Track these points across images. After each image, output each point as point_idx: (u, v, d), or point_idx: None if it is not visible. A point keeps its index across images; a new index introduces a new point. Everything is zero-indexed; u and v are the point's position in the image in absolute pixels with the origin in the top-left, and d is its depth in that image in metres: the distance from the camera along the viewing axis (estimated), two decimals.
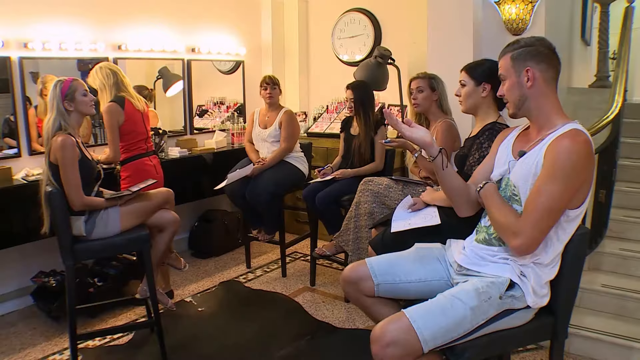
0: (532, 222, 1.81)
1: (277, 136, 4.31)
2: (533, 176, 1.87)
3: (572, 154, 1.77)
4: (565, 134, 1.83)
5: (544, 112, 1.96)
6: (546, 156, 1.82)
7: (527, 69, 1.94)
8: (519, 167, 1.96)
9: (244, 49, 5.55)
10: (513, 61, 1.98)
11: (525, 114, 2.01)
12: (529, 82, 1.94)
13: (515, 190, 1.95)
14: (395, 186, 3.34)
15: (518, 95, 1.98)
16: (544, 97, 1.95)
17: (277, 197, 4.19)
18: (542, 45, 1.96)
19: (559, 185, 1.77)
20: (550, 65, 1.95)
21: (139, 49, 4.53)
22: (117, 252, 3.50)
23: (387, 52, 4.30)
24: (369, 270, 2.18)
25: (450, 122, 3.37)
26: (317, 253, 3.87)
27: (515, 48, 1.98)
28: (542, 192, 1.79)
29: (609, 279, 3.49)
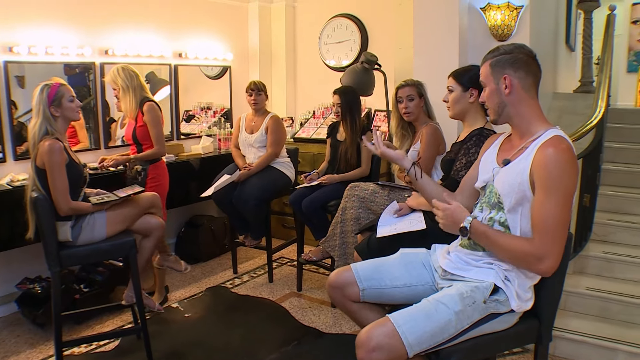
0: (551, 240, 1.81)
1: (264, 141, 4.32)
2: (519, 185, 1.89)
3: (561, 162, 1.80)
4: (549, 142, 1.85)
5: (525, 118, 1.98)
6: (536, 170, 1.84)
7: (504, 77, 1.97)
8: (504, 175, 1.97)
9: (231, 54, 5.56)
10: (492, 68, 2.01)
11: (505, 120, 2.04)
12: (507, 90, 1.97)
13: (500, 199, 1.97)
14: (381, 191, 3.35)
15: (497, 102, 2.01)
16: (523, 104, 1.98)
17: (264, 202, 4.18)
18: (520, 52, 1.98)
19: (561, 196, 1.79)
20: (529, 72, 1.97)
21: (126, 54, 4.52)
22: (104, 258, 3.49)
23: (374, 58, 4.33)
24: (355, 275, 2.19)
25: (435, 126, 3.40)
26: (303, 258, 3.88)
27: (494, 55, 2.01)
28: (548, 208, 1.80)
29: (593, 282, 3.53)
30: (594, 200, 3.85)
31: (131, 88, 3.69)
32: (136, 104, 3.72)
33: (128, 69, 3.71)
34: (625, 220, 3.94)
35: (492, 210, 2.01)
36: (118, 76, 3.66)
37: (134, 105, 3.72)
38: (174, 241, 5.04)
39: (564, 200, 1.80)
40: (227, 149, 5.08)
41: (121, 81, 3.67)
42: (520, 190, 1.89)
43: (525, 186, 1.88)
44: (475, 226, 1.93)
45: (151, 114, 3.73)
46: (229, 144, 4.96)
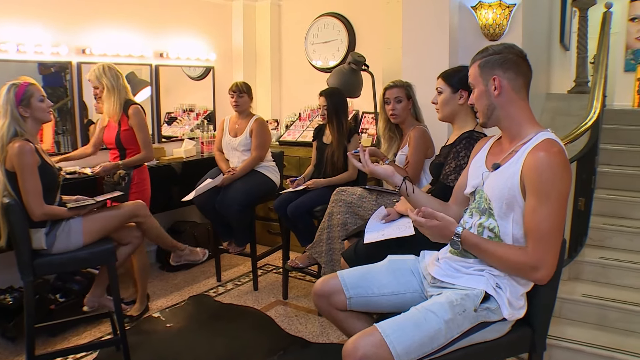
0: (545, 248, 1.81)
1: (248, 145, 4.30)
2: (509, 190, 1.89)
3: (554, 166, 1.79)
4: (540, 146, 1.85)
5: (515, 120, 1.98)
6: (526, 175, 1.84)
7: (493, 78, 1.96)
8: (493, 180, 1.97)
9: (214, 54, 5.54)
10: (480, 69, 2.00)
11: (495, 123, 2.03)
12: (496, 91, 1.96)
13: (490, 204, 1.96)
14: (369, 196, 3.35)
15: (486, 104, 2.00)
16: (513, 106, 1.97)
17: (248, 207, 4.17)
18: (510, 52, 1.97)
19: (554, 202, 1.79)
20: (518, 73, 1.96)
21: (105, 54, 4.48)
22: (81, 266, 3.44)
23: (361, 58, 4.33)
24: (341, 283, 2.18)
25: (423, 129, 3.41)
26: (289, 265, 3.86)
27: (484, 56, 2.01)
28: (541, 214, 1.79)
29: (589, 288, 3.51)
30: (590, 204, 3.85)
31: (117, 89, 3.67)
32: (120, 106, 3.70)
33: (114, 69, 3.69)
34: (621, 224, 3.93)
35: (481, 216, 2.00)
36: (104, 75, 3.63)
37: (118, 107, 3.70)
38: (154, 248, 4.99)
39: (557, 205, 1.79)
40: (210, 152, 5.06)
41: (107, 80, 3.64)
42: (511, 196, 1.89)
43: (516, 191, 1.88)
44: (467, 237, 1.92)
45: (138, 117, 3.73)
46: (212, 148, 4.93)
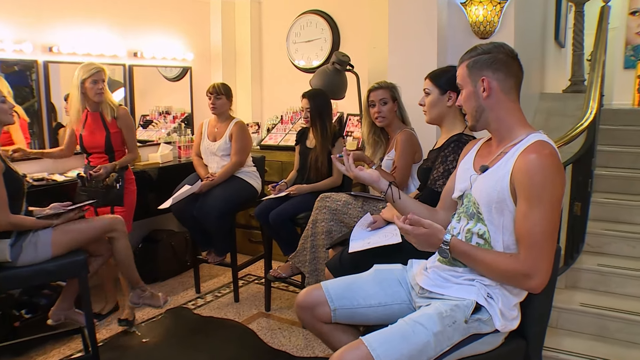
0: (539, 255, 1.80)
1: (228, 149, 4.29)
2: (498, 194, 1.89)
3: (545, 169, 1.79)
4: (530, 148, 1.85)
5: (505, 123, 1.98)
6: (517, 178, 1.83)
7: (482, 79, 1.96)
8: (481, 183, 1.97)
9: (191, 53, 5.52)
10: (469, 70, 2.00)
11: (484, 126, 2.03)
12: (485, 93, 1.96)
13: (479, 208, 1.96)
14: (354, 202, 3.35)
15: (475, 106, 2.00)
16: (503, 108, 1.97)
17: (228, 215, 4.16)
18: (500, 52, 1.97)
19: (546, 206, 1.79)
20: (509, 73, 1.96)
21: (74, 52, 4.43)
22: (50, 279, 3.40)
23: (346, 58, 4.33)
24: (325, 294, 2.18)
25: (410, 132, 3.41)
26: (271, 275, 3.84)
27: (472, 56, 2.00)
28: (533, 220, 1.79)
29: (587, 297, 3.51)
30: (586, 209, 3.86)
31: (108, 89, 3.77)
32: (113, 107, 3.78)
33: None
34: (621, 229, 3.94)
35: (470, 221, 2.01)
36: (104, 73, 3.71)
37: (110, 108, 3.77)
38: None
39: (549, 210, 1.79)
40: (188, 157, 5.03)
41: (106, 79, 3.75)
42: (500, 199, 1.89)
43: (505, 195, 1.87)
44: (456, 245, 1.92)
45: (128, 119, 3.85)
46: (190, 152, 4.92)
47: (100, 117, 3.77)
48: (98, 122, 3.78)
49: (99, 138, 3.77)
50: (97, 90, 3.66)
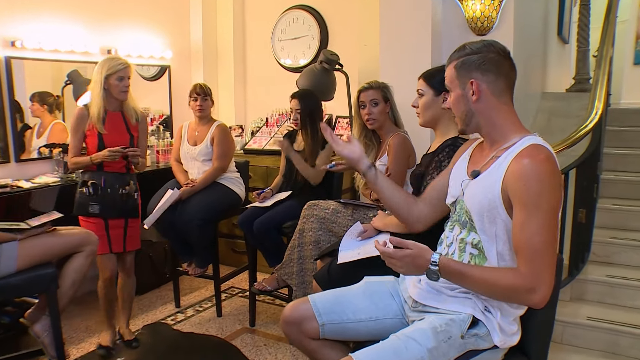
0: (540, 267, 1.77)
1: (209, 154, 4.29)
2: (489, 202, 1.88)
3: (541, 175, 1.78)
4: (525, 152, 1.84)
5: (497, 126, 1.98)
6: (510, 185, 1.82)
7: (471, 81, 1.95)
8: (473, 189, 1.97)
9: (170, 51, 5.52)
10: (457, 71, 2.00)
11: (475, 130, 2.04)
12: (474, 96, 1.95)
13: (471, 217, 1.96)
14: (344, 211, 3.36)
15: (464, 109, 2.00)
16: (494, 111, 1.97)
17: (210, 224, 4.15)
18: (491, 51, 1.96)
19: (544, 214, 1.77)
20: (499, 74, 1.95)
21: (40, 48, 4.39)
22: (14, 295, 3.36)
23: (334, 57, 4.34)
24: (313, 308, 2.18)
25: (404, 136, 3.43)
26: (256, 288, 3.85)
27: (460, 56, 2.00)
28: (530, 230, 1.77)
29: (595, 310, 3.49)
30: (592, 216, 3.84)
31: None
32: (135, 111, 3.70)
33: None
34: (630, 237, 3.92)
35: (462, 230, 2.01)
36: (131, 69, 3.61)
37: (135, 109, 3.70)
38: None
39: (548, 218, 1.78)
40: (167, 162, 5.03)
41: None
42: (492, 208, 1.88)
43: (497, 202, 1.87)
44: (446, 265, 1.83)
45: (146, 124, 3.80)
46: (169, 157, 4.91)
47: (123, 119, 3.63)
48: (120, 123, 3.63)
49: (123, 141, 3.58)
50: (122, 88, 3.52)
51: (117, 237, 3.61)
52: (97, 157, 3.48)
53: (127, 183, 3.61)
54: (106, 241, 3.55)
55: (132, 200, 3.64)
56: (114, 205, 3.55)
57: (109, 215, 3.54)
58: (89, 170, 3.57)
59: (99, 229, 3.50)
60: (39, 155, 4.37)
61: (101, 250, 3.49)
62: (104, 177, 3.54)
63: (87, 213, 3.52)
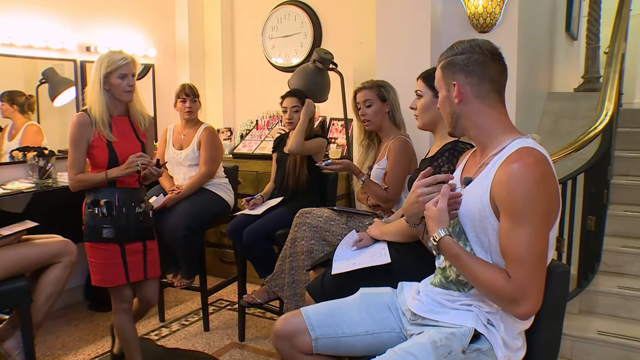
0: (525, 280, 1.75)
1: (196, 159, 4.29)
2: (479, 211, 1.88)
3: (527, 180, 1.76)
4: (512, 157, 1.83)
5: (484, 129, 1.99)
6: (496, 191, 1.82)
7: (454, 83, 1.97)
8: (464, 198, 1.97)
9: (153, 49, 5.53)
10: (442, 72, 2.03)
11: (462, 132, 2.06)
12: (457, 98, 1.97)
13: (463, 227, 1.97)
14: (338, 218, 3.37)
15: (449, 112, 2.03)
16: (479, 115, 1.98)
17: (197, 233, 4.15)
18: (476, 52, 1.96)
19: (531, 223, 1.76)
20: (483, 77, 1.95)
21: (11, 43, 4.37)
22: None
23: (328, 56, 4.36)
24: (305, 321, 2.19)
25: (405, 139, 3.44)
26: (245, 301, 3.85)
27: (447, 56, 2.02)
28: (517, 238, 1.76)
29: (606, 324, 3.49)
30: (602, 223, 3.85)
31: None
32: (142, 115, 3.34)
33: None
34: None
35: (458, 241, 1.99)
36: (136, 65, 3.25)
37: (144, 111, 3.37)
38: (82, 283, 4.91)
39: (534, 227, 1.76)
40: None
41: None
42: (482, 217, 1.88)
43: (487, 212, 1.86)
44: (448, 244, 1.88)
45: (153, 129, 3.47)
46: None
47: (130, 124, 3.27)
48: (128, 130, 3.26)
49: (135, 149, 3.19)
50: (125, 88, 3.12)
51: (136, 264, 3.23)
52: (115, 173, 3.10)
53: (141, 200, 3.27)
54: (122, 269, 3.17)
55: (149, 220, 3.31)
56: (130, 226, 3.18)
57: (126, 239, 3.16)
58: (96, 188, 3.17)
59: (114, 256, 3.14)
60: (11, 159, 4.35)
61: (115, 281, 3.17)
62: (117, 194, 3.16)
63: (100, 238, 3.12)
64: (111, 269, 3.14)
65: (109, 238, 3.11)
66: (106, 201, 3.11)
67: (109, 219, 3.11)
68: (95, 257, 3.15)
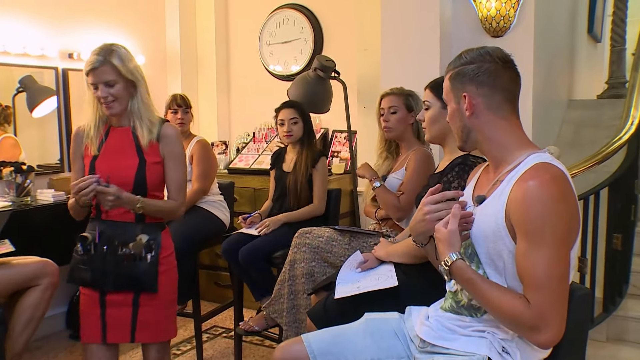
0: (546, 306, 1.74)
1: (188, 174, 4.26)
2: (493, 232, 1.88)
3: (545, 198, 1.77)
4: (528, 174, 1.84)
5: (496, 144, 2.00)
6: (512, 210, 1.82)
7: (464, 95, 1.98)
8: (477, 218, 1.97)
9: (142, 56, 5.51)
10: (451, 83, 2.04)
11: (474, 147, 2.07)
12: (468, 111, 1.98)
13: (475, 249, 1.97)
14: (340, 239, 3.38)
15: (459, 125, 2.04)
16: (491, 127, 1.99)
17: (189, 255, 4.12)
18: (486, 61, 1.97)
19: (549, 245, 1.75)
20: (495, 87, 1.96)
21: None
22: None
23: (330, 63, 4.38)
24: (307, 349, 2.19)
25: (427, 152, 3.47)
26: (242, 328, 3.85)
27: (456, 66, 2.03)
28: (535, 260, 1.76)
29: (637, 353, 3.46)
30: (630, 242, 3.83)
31: None
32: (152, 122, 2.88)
33: None
34: None
35: (470, 264, 1.98)
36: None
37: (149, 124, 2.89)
38: (64, 310, 4.87)
39: (554, 250, 1.76)
40: None
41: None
42: (497, 238, 1.88)
43: (502, 232, 1.86)
44: (461, 268, 1.88)
45: (181, 145, 3.00)
46: None
47: (133, 137, 2.82)
48: (127, 143, 2.82)
49: (124, 167, 2.77)
50: (101, 99, 2.76)
51: (118, 321, 2.77)
52: (71, 200, 2.77)
53: (132, 238, 2.75)
54: (98, 324, 2.76)
55: (143, 265, 2.75)
56: (107, 270, 2.73)
57: (104, 286, 2.74)
58: (91, 218, 2.84)
59: (91, 304, 2.79)
60: None
61: (87, 337, 2.80)
62: (98, 228, 2.76)
63: (79, 281, 2.81)
64: (86, 320, 2.80)
65: (86, 282, 2.76)
66: (81, 236, 2.76)
67: (85, 258, 2.74)
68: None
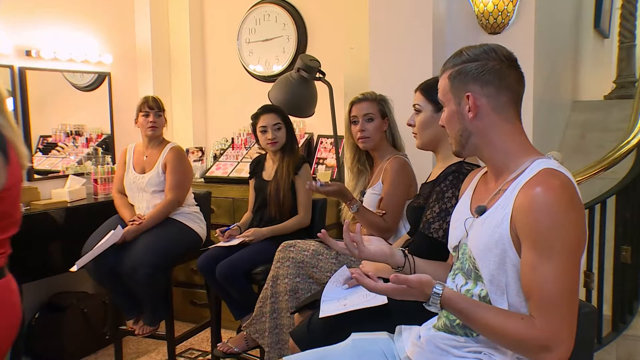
0: (557, 321, 1.74)
1: (161, 184, 4.32)
2: (496, 244, 1.88)
3: (555, 207, 1.77)
4: (535, 180, 1.84)
5: (498, 149, 2.00)
6: (518, 219, 1.83)
7: (467, 95, 1.98)
8: (478, 230, 1.98)
9: (109, 55, 5.50)
10: (451, 82, 2.03)
11: (472, 153, 2.07)
12: (471, 113, 1.98)
13: (476, 264, 1.97)
14: (327, 252, 3.39)
15: (459, 128, 2.04)
16: (495, 131, 1.99)
17: (162, 271, 4.14)
18: (492, 58, 1.98)
19: (559, 256, 1.76)
20: (501, 87, 1.97)
21: None
22: None
23: (314, 63, 4.39)
24: None
25: (404, 160, 3.49)
26: (220, 350, 3.85)
27: (456, 64, 2.03)
28: (544, 274, 1.75)
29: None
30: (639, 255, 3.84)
31: None
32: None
33: None
34: None
35: (468, 281, 2.02)
36: None
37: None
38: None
39: (564, 261, 1.76)
40: (108, 194, 5.04)
41: None
42: (501, 251, 1.88)
43: (507, 244, 1.87)
44: (450, 299, 1.86)
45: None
46: (110, 188, 4.91)
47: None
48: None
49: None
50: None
51: None
52: None
53: None
54: None
55: None
56: None
57: None
58: None
59: None
60: None
61: None
62: None
63: None
64: None
65: None
66: None
67: None
68: None
